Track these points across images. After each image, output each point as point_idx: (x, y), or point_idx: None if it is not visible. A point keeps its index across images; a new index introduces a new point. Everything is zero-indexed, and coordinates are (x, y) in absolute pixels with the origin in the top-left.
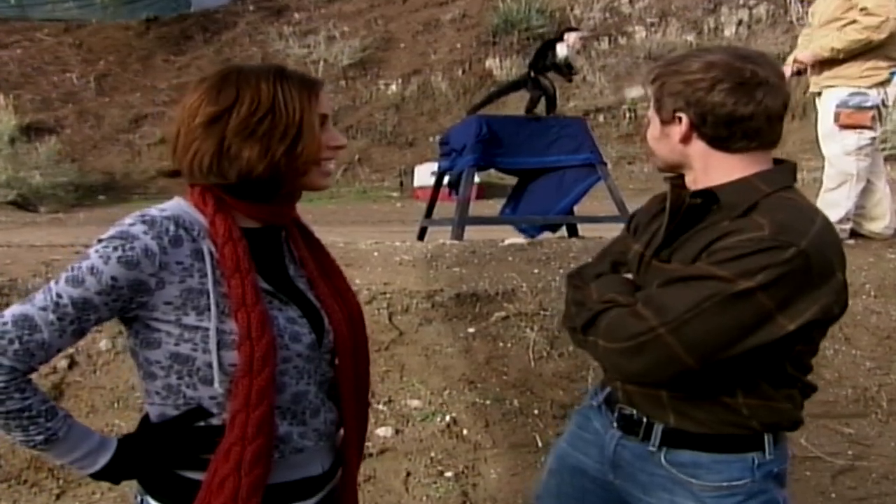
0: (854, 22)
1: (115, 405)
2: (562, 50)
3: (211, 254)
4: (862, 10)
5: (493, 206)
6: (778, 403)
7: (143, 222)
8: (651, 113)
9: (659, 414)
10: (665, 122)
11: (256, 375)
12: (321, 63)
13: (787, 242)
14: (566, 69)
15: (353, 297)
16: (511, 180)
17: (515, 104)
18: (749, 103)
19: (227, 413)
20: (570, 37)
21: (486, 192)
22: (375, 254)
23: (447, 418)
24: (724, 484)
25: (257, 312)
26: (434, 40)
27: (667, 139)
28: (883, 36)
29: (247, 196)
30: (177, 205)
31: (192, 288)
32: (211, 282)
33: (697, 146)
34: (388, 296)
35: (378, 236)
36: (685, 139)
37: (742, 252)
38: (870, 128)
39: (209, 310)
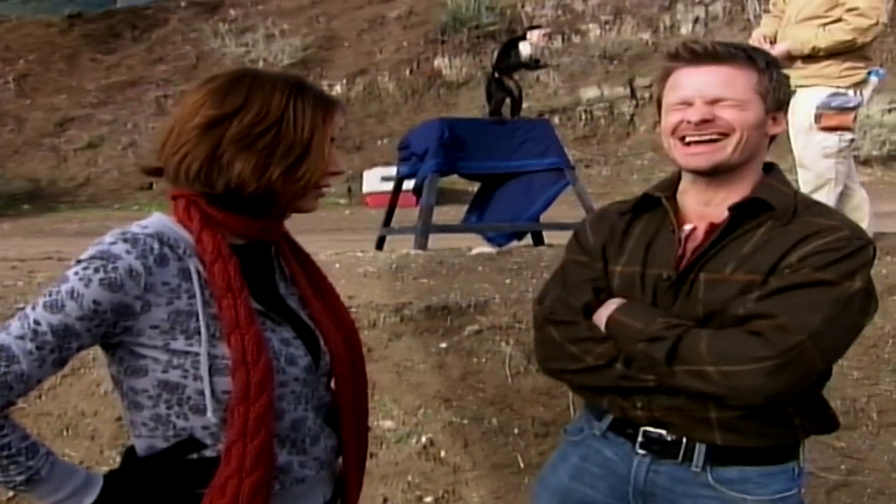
0: (838, 21)
1: (64, 433)
2: (525, 49)
3: (199, 273)
4: (851, 10)
5: (448, 213)
6: (824, 409)
7: (125, 241)
8: (748, 94)
9: (702, 434)
10: (770, 112)
11: (253, 402)
12: (260, 63)
13: (866, 240)
14: (533, 63)
15: (347, 315)
16: (465, 185)
17: (466, 105)
18: None
19: (221, 444)
20: (534, 34)
21: (440, 198)
22: (337, 265)
23: (423, 439)
24: (778, 496)
25: (252, 334)
26: (380, 38)
27: (762, 129)
28: (868, 39)
29: (232, 208)
30: (159, 220)
31: (181, 310)
32: (200, 303)
33: (766, 142)
34: (353, 310)
35: (330, 245)
36: (777, 133)
37: (840, 255)
38: (851, 129)
39: (199, 333)
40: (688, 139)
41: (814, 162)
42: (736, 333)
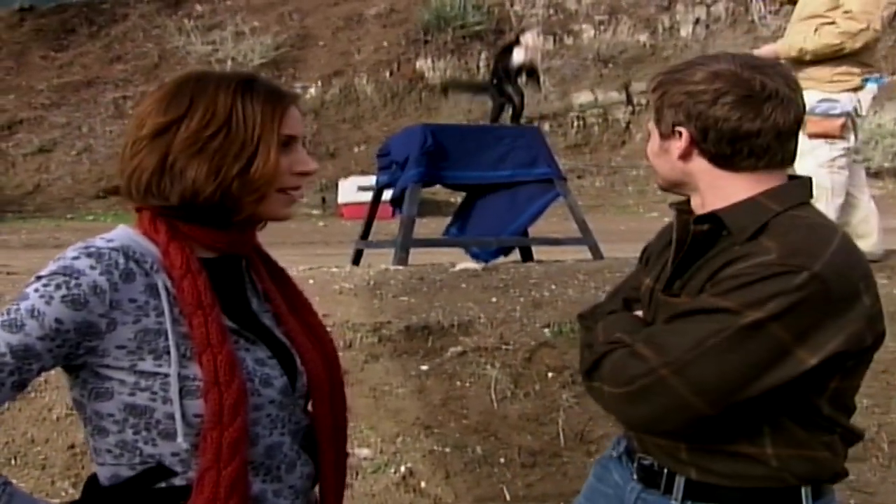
0: (833, 23)
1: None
2: (518, 55)
3: (167, 289)
4: (846, 12)
5: (429, 226)
6: (814, 452)
7: (89, 255)
8: (651, 125)
9: (678, 467)
10: (664, 137)
11: (227, 426)
12: (228, 62)
13: (798, 266)
14: (528, 75)
15: (326, 334)
16: (448, 196)
17: (450, 110)
18: (756, 118)
19: (192, 471)
20: (527, 37)
21: (420, 209)
22: (311, 281)
23: (402, 469)
24: None
25: (224, 354)
26: (357, 38)
27: (666, 155)
28: (857, 45)
29: (198, 221)
30: (124, 234)
31: (148, 328)
32: (169, 321)
33: (699, 164)
34: (328, 329)
35: (302, 260)
36: (685, 155)
37: (748, 280)
38: (840, 137)
39: (168, 353)
40: None
41: (807, 171)
42: (624, 354)
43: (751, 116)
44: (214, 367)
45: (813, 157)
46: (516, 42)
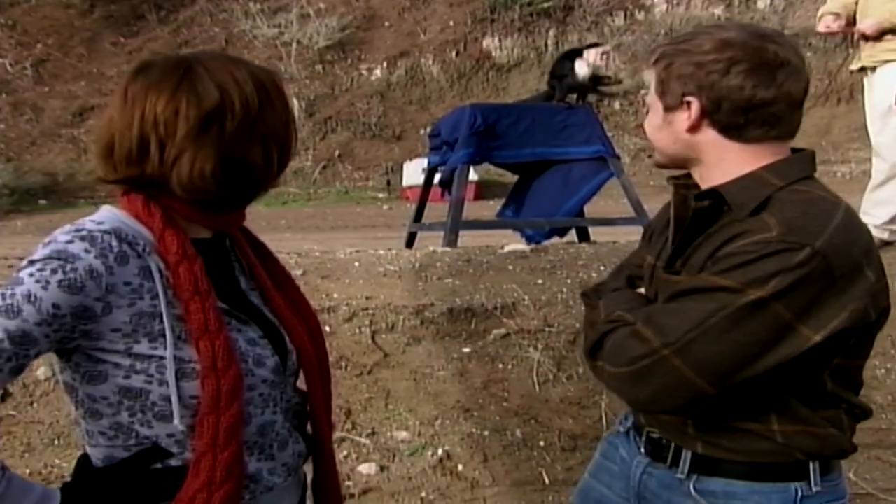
0: None
1: (55, 443)
2: (581, 69)
3: (161, 271)
4: None
5: (493, 208)
6: (818, 428)
7: (82, 238)
8: (651, 98)
9: (686, 441)
10: (670, 109)
11: (224, 411)
12: (294, 45)
13: (798, 243)
14: (593, 87)
15: (309, 308)
16: (512, 177)
17: (517, 90)
18: (770, 87)
19: (188, 452)
20: (591, 53)
21: (483, 191)
22: (356, 264)
23: (439, 452)
24: None
25: (222, 340)
26: (423, 18)
27: (670, 128)
28: None
29: (202, 204)
30: (112, 215)
31: (143, 311)
32: (164, 303)
33: (708, 135)
34: (370, 312)
35: (361, 243)
36: (694, 127)
37: (749, 258)
38: None
39: (163, 336)
40: None
41: (889, 150)
42: (625, 334)
43: (766, 84)
44: (212, 352)
45: (894, 133)
46: (580, 54)
